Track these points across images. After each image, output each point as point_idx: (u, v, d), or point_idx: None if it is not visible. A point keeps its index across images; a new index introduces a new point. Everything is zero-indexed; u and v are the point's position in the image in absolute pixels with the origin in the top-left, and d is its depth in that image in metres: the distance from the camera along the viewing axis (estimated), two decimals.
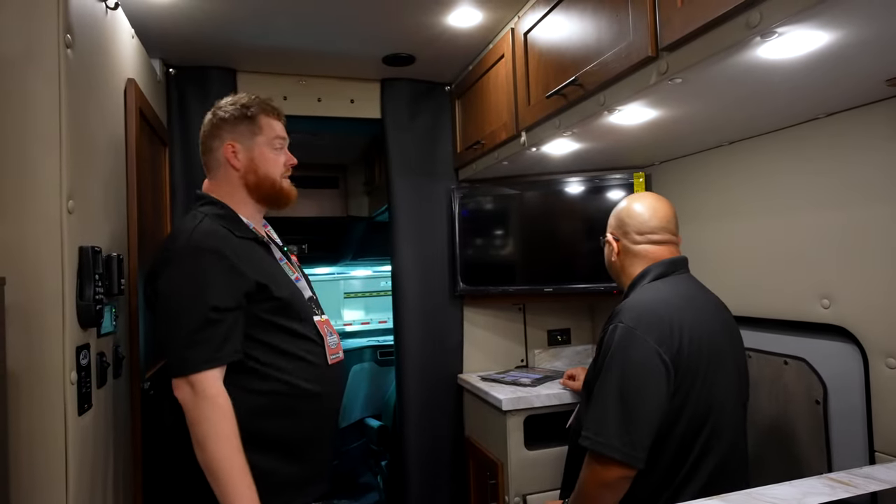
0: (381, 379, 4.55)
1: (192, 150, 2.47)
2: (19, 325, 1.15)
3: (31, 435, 1.16)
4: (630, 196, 1.71)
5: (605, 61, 1.53)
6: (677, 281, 1.55)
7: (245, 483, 1.35)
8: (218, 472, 1.34)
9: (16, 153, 1.18)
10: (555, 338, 2.90)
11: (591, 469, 1.41)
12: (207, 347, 1.38)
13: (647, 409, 1.36)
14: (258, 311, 1.47)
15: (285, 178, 1.64)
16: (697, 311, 1.49)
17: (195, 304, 1.39)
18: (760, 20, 1.08)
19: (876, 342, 1.46)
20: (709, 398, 1.41)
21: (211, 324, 1.38)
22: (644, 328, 1.40)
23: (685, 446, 1.40)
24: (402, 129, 2.77)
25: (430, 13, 2.09)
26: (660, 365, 1.37)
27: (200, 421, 1.36)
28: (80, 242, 1.27)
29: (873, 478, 1.25)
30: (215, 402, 1.37)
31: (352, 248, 4.64)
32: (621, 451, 1.34)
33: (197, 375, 1.37)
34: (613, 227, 1.68)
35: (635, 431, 1.34)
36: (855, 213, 1.52)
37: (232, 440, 1.36)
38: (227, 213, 1.55)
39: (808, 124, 1.64)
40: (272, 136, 1.61)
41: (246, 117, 1.59)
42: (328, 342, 1.59)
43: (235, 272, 1.43)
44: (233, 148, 1.58)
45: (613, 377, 1.39)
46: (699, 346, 1.42)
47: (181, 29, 2.14)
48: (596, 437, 1.37)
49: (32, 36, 1.20)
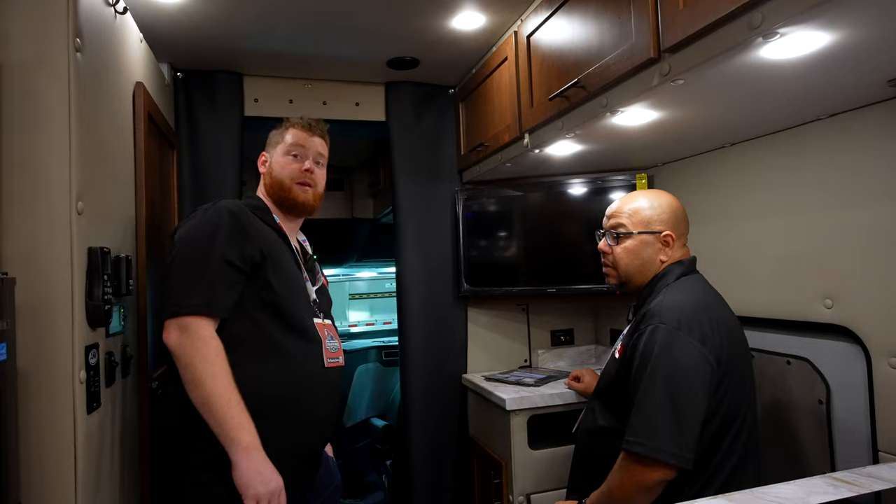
0: (386, 379, 4.56)
1: (199, 152, 2.50)
2: (29, 325, 1.17)
3: (40, 433, 1.18)
4: (662, 193, 1.67)
5: (608, 63, 1.54)
6: (697, 280, 1.56)
7: (243, 414, 1.38)
8: (215, 406, 1.37)
9: (26, 155, 1.20)
10: (558, 338, 2.91)
11: (632, 472, 1.37)
12: (208, 292, 1.43)
13: (697, 411, 1.35)
14: (255, 289, 1.51)
15: (298, 184, 1.71)
16: (724, 307, 1.52)
17: (207, 250, 1.47)
18: (762, 21, 1.08)
19: (879, 342, 1.46)
20: (740, 396, 1.43)
21: (218, 271, 1.45)
22: (687, 328, 1.39)
23: (714, 444, 1.40)
24: (406, 132, 2.79)
25: (433, 17, 2.10)
26: (706, 365, 1.37)
27: (194, 360, 1.39)
28: (89, 243, 1.29)
29: (877, 477, 1.26)
30: (209, 342, 1.41)
31: (357, 250, 4.66)
32: (676, 456, 1.32)
33: (191, 318, 1.41)
34: (671, 224, 1.59)
35: (687, 433, 1.33)
36: (858, 214, 1.52)
37: (227, 378, 1.39)
38: (260, 204, 1.71)
39: (810, 125, 1.65)
40: (290, 144, 1.74)
41: (277, 131, 1.78)
42: (327, 345, 1.61)
43: (247, 236, 1.53)
44: (264, 157, 1.79)
45: (660, 380, 1.36)
46: (733, 344, 1.44)
47: (189, 34, 2.16)
48: (648, 441, 1.33)
49: (42, 39, 1.22)
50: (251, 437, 1.38)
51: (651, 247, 1.60)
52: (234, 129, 2.55)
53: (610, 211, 1.68)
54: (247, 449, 1.37)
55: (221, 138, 2.52)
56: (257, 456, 1.38)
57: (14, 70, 1.20)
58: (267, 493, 1.37)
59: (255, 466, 1.37)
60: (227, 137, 2.53)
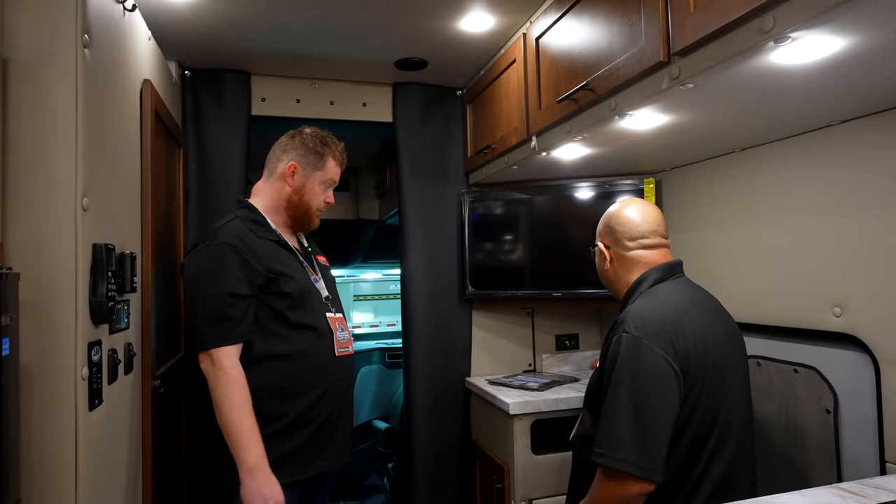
0: (389, 381, 4.55)
1: (205, 150, 2.50)
2: (32, 320, 1.17)
3: (41, 429, 1.18)
4: (617, 203, 1.68)
5: (617, 66, 1.53)
6: (675, 285, 1.52)
7: (253, 439, 1.59)
8: (230, 430, 1.58)
9: (32, 150, 1.20)
10: (563, 342, 2.90)
11: (605, 486, 1.35)
12: (224, 328, 1.63)
13: (662, 420, 1.32)
14: (269, 301, 1.71)
15: (319, 211, 1.91)
16: (700, 314, 1.46)
17: (214, 290, 1.64)
18: (774, 25, 1.07)
19: (888, 351, 1.44)
20: (717, 402, 1.39)
21: (227, 307, 1.63)
22: (650, 336, 1.36)
23: (694, 453, 1.37)
24: (413, 133, 2.79)
25: (442, 18, 2.10)
26: (670, 372, 1.34)
27: (217, 388, 1.61)
28: (94, 240, 1.29)
29: (884, 488, 1.24)
30: (228, 373, 1.61)
31: (362, 251, 4.65)
32: (638, 466, 1.28)
33: (215, 350, 1.62)
34: (603, 234, 1.65)
35: (651, 444, 1.30)
36: (868, 221, 1.50)
37: (242, 404, 1.60)
38: (257, 217, 1.82)
39: (821, 131, 1.63)
40: (327, 178, 1.88)
41: (317, 153, 1.86)
42: (338, 336, 1.80)
43: (249, 266, 1.68)
44: (294, 169, 1.84)
45: (623, 389, 1.34)
46: (705, 350, 1.39)
47: (197, 32, 2.17)
48: (611, 452, 1.31)
49: (51, 35, 1.22)
50: (256, 457, 1.58)
51: (598, 259, 1.67)
52: (241, 128, 2.55)
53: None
54: (251, 469, 1.57)
55: (228, 137, 2.53)
56: (260, 476, 1.57)
57: (22, 65, 1.20)
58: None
59: (257, 485, 1.56)
60: (233, 136, 2.53)
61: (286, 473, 1.65)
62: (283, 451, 1.67)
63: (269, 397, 1.67)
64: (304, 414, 1.71)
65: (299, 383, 1.71)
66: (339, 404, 1.80)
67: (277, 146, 1.89)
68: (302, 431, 1.70)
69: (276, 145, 1.90)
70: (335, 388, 1.78)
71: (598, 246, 1.66)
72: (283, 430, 1.68)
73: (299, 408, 1.70)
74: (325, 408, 1.75)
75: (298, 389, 1.71)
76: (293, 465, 1.68)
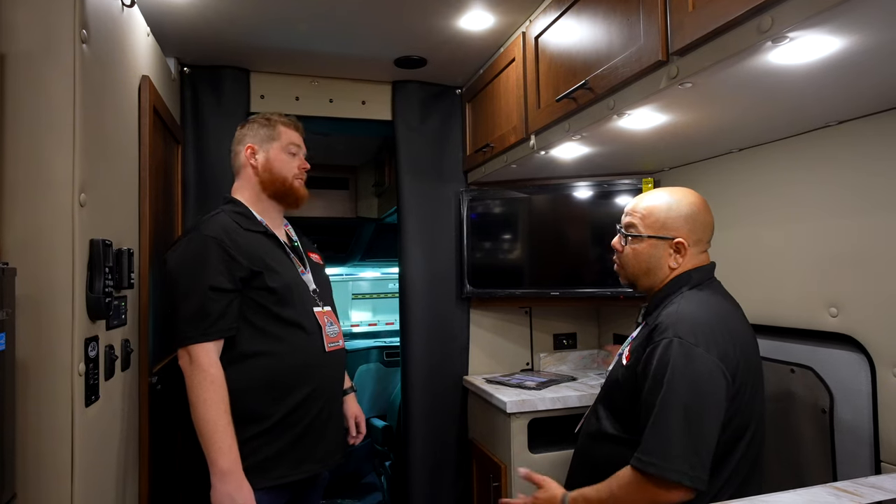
0: (387, 380, 4.55)
1: (204, 147, 2.50)
2: (29, 316, 1.17)
3: (37, 424, 1.18)
4: (686, 193, 1.55)
5: (616, 65, 1.53)
6: (716, 290, 1.49)
7: (227, 442, 1.53)
8: (203, 430, 1.53)
9: (29, 145, 1.20)
10: (561, 342, 2.90)
11: (646, 492, 1.30)
12: (203, 323, 1.57)
13: (713, 429, 1.29)
14: (254, 296, 1.65)
15: (297, 179, 1.85)
16: (739, 320, 1.45)
17: (195, 284, 1.59)
18: (772, 25, 1.07)
19: (884, 351, 1.44)
20: (750, 411, 1.38)
21: (208, 301, 1.58)
22: (705, 344, 1.32)
23: (723, 459, 1.35)
24: (412, 131, 2.79)
25: (442, 16, 2.10)
26: (723, 381, 1.31)
27: (193, 387, 1.55)
28: (91, 235, 1.29)
29: (879, 488, 1.24)
30: (206, 371, 1.55)
31: (360, 250, 4.65)
32: (691, 477, 1.25)
33: (193, 347, 1.56)
34: (685, 230, 1.50)
35: (703, 453, 1.27)
36: (865, 222, 1.51)
37: (218, 404, 1.54)
38: (242, 210, 1.77)
39: (819, 132, 1.63)
40: (287, 142, 1.83)
41: (265, 125, 1.83)
42: (327, 331, 1.76)
43: (232, 259, 1.62)
44: (252, 150, 1.81)
45: (677, 398, 1.29)
46: (748, 359, 1.38)
47: (196, 28, 2.16)
48: (662, 462, 1.27)
49: (49, 30, 1.22)
50: (229, 461, 1.52)
51: (661, 252, 1.51)
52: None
53: (628, 207, 1.61)
54: (222, 472, 1.51)
55: (227, 134, 2.49)
56: (231, 480, 1.52)
57: (20, 60, 1.20)
58: None
59: (227, 490, 1.51)
60: (232, 133, 2.51)
61: (274, 476, 1.61)
62: (270, 452, 1.62)
63: (255, 396, 1.62)
64: (292, 413, 1.65)
65: (287, 381, 1.66)
66: (328, 403, 1.75)
67: (233, 142, 1.87)
68: (290, 432, 1.65)
69: (232, 144, 1.88)
70: (324, 385, 1.74)
71: (678, 239, 1.49)
72: (269, 431, 1.62)
73: (287, 407, 1.64)
74: (313, 407, 1.69)
75: (286, 388, 1.65)
76: (280, 468, 1.63)
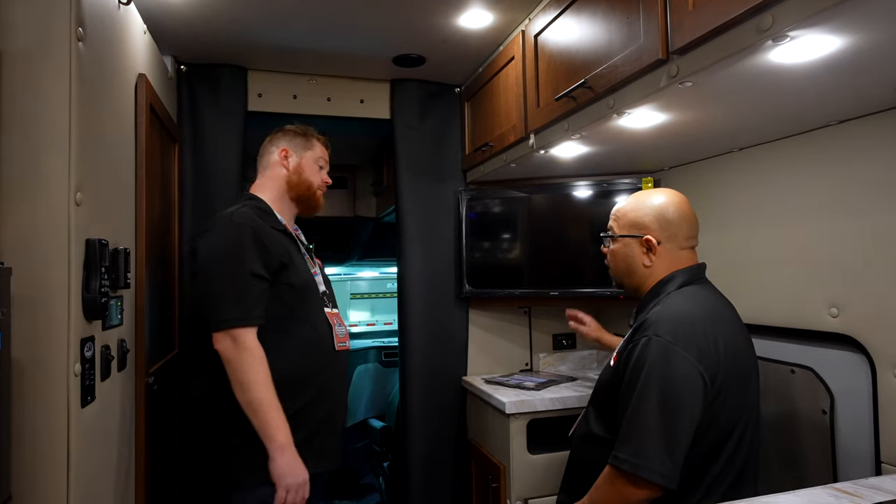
0: (386, 380, 4.54)
1: (201, 146, 2.49)
2: (24, 315, 1.16)
3: (33, 425, 1.17)
4: (660, 194, 1.57)
5: (615, 64, 1.53)
6: (704, 290, 1.49)
7: (281, 417, 1.61)
8: (258, 409, 1.59)
9: (25, 144, 1.19)
10: (560, 342, 2.89)
11: (617, 488, 1.33)
12: (245, 306, 1.63)
13: (687, 429, 1.29)
14: (278, 291, 1.71)
15: (320, 189, 1.95)
16: (729, 322, 1.44)
17: (236, 269, 1.65)
18: (772, 24, 1.07)
19: (884, 352, 1.44)
20: (737, 413, 1.37)
21: (249, 286, 1.64)
22: (683, 343, 1.32)
23: (706, 463, 1.35)
24: (411, 130, 2.77)
25: (441, 15, 2.09)
26: (699, 381, 1.31)
27: (243, 369, 1.61)
28: (87, 235, 1.28)
29: (879, 489, 1.24)
30: (254, 353, 1.62)
31: (359, 249, 4.65)
32: (662, 475, 1.27)
33: (238, 330, 1.62)
34: (651, 226, 1.52)
35: (676, 452, 1.28)
36: (866, 222, 1.50)
37: (268, 384, 1.61)
38: (265, 207, 1.83)
39: (819, 131, 1.63)
40: (318, 156, 1.94)
41: (303, 136, 1.94)
42: (336, 331, 1.83)
43: (266, 250, 1.69)
44: (286, 153, 1.90)
45: (652, 395, 1.31)
46: (733, 361, 1.37)
47: (193, 26, 2.15)
48: (636, 459, 1.29)
49: (44, 29, 1.21)
50: (285, 437, 1.61)
51: (634, 251, 1.54)
52: (238, 123, 2.54)
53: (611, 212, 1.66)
54: (282, 446, 1.60)
55: (224, 133, 2.51)
56: (290, 453, 1.61)
57: (15, 59, 1.19)
58: (295, 485, 1.61)
59: (287, 461, 1.60)
60: (229, 132, 2.52)
61: None
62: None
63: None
64: (305, 409, 1.71)
65: (301, 377, 1.71)
66: (336, 401, 1.81)
67: (265, 143, 1.95)
68: (303, 427, 1.69)
69: (263, 145, 1.95)
70: (334, 383, 1.80)
71: (647, 237, 1.52)
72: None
73: (300, 403, 1.70)
74: (324, 403, 1.75)
75: (300, 384, 1.71)
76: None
